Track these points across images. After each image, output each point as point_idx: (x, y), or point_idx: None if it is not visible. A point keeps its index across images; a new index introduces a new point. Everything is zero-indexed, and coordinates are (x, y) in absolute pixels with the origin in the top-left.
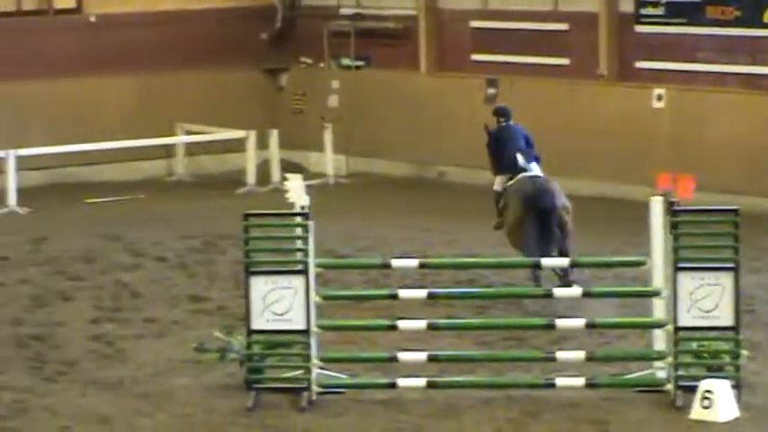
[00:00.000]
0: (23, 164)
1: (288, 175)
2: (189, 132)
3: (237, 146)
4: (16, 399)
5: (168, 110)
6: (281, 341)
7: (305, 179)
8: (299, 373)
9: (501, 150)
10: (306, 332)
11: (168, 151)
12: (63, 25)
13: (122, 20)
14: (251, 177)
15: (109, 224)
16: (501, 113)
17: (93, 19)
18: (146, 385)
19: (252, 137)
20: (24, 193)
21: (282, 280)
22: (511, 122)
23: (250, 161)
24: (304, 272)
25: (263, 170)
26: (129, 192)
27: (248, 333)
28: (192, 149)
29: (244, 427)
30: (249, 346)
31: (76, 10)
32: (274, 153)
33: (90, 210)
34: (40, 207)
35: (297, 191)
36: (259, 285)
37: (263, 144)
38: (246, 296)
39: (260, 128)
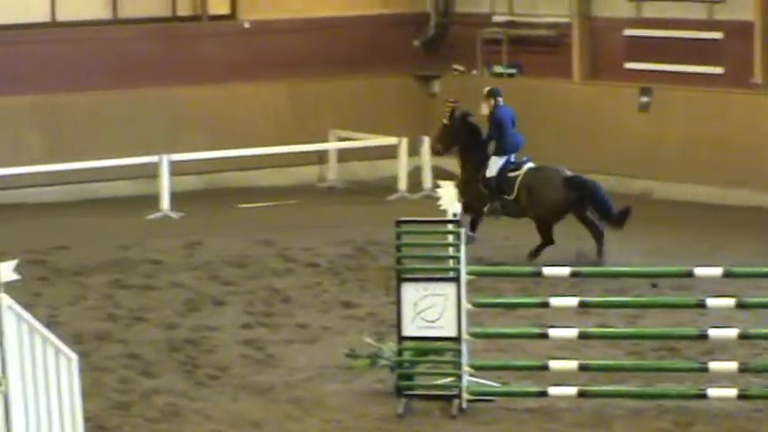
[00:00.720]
0: (177, 169)
1: (440, 182)
2: (341, 139)
3: (389, 152)
4: (169, 402)
5: (321, 116)
6: (432, 348)
7: (457, 186)
8: (449, 380)
9: (502, 130)
10: (457, 339)
11: (321, 157)
12: (217, 31)
13: (276, 26)
14: (402, 184)
15: (261, 229)
16: (497, 94)
17: (247, 25)
18: (296, 390)
19: (404, 143)
20: (178, 198)
21: (434, 287)
22: (502, 103)
23: (402, 168)
24: (456, 279)
25: (415, 177)
26: (282, 197)
27: (399, 340)
28: (344, 156)
29: None
30: (400, 352)
31: (230, 16)
32: (426, 160)
33: (243, 215)
34: (193, 212)
35: (448, 198)
36: (410, 292)
37: (414, 151)
38: (398, 303)
39: (412, 134)
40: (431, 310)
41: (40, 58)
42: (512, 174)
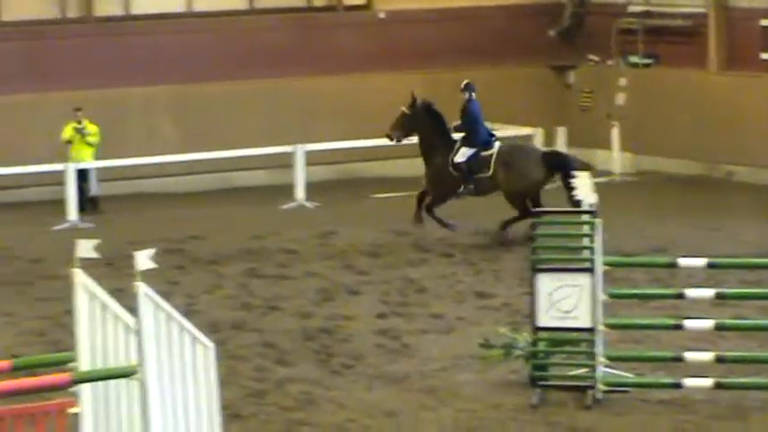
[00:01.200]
0: (312, 159)
1: (575, 173)
2: None
3: (525, 143)
4: (304, 391)
5: (456, 106)
6: (567, 339)
7: (592, 177)
8: (584, 371)
9: (476, 124)
10: (592, 330)
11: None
12: (352, 21)
13: (411, 16)
14: None
15: (395, 220)
16: (473, 89)
17: (382, 15)
18: (431, 380)
19: (539, 134)
20: (312, 188)
21: (569, 278)
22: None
23: None
24: (591, 270)
25: None
26: (415, 188)
27: (534, 330)
28: None
29: (527, 424)
30: (535, 343)
31: (366, 6)
32: (561, 150)
33: (377, 205)
34: (327, 201)
35: (584, 188)
36: (545, 283)
37: (550, 141)
38: (532, 293)
39: (547, 125)
40: (566, 300)
41: (177, 48)
42: (484, 153)
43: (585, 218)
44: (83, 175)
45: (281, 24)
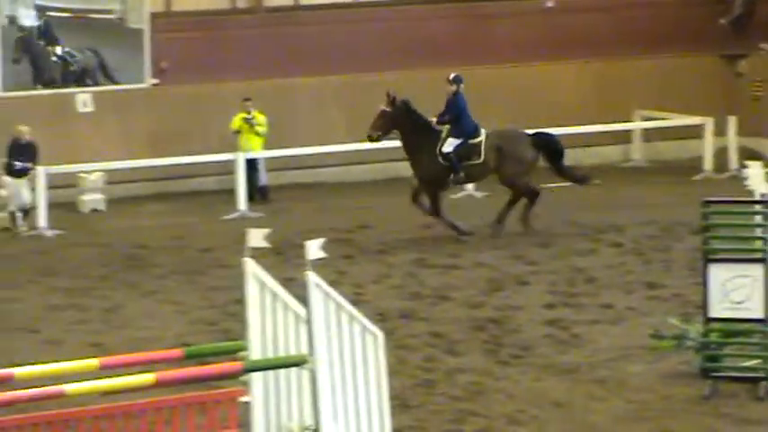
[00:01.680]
0: None
1: (747, 163)
2: (646, 118)
3: (695, 132)
4: (472, 381)
5: (625, 96)
6: (739, 330)
7: (764, 167)
8: (756, 362)
9: (462, 115)
10: (765, 321)
11: (625, 137)
12: (519, 10)
13: (579, 5)
14: (708, 164)
15: (565, 209)
16: (461, 81)
17: (550, 4)
18: (601, 371)
19: (709, 123)
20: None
21: (742, 268)
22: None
23: (707, 148)
24: (764, 260)
25: (721, 157)
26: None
27: (705, 321)
28: (648, 135)
29: (699, 415)
30: (706, 334)
31: None
32: (732, 140)
33: (546, 195)
34: (494, 190)
35: (756, 178)
36: (718, 273)
37: (720, 131)
38: (704, 284)
39: (717, 114)
40: (738, 291)
41: (345, 38)
42: (472, 141)
43: (758, 208)
44: (252, 164)
45: (449, 14)
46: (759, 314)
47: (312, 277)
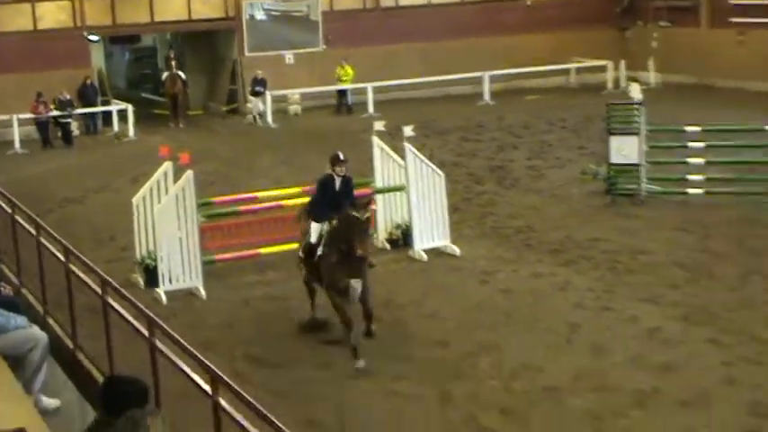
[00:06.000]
0: None
1: (630, 84)
2: (578, 61)
3: (603, 69)
4: (490, 197)
5: (565, 49)
6: (625, 169)
7: (639, 85)
8: (634, 186)
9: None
10: (638, 165)
11: (565, 72)
12: (517, 6)
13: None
14: (609, 84)
15: (534, 108)
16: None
17: (528, 3)
18: (556, 191)
19: (611, 64)
20: None
21: (626, 137)
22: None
23: (609, 77)
24: (637, 133)
25: (616, 81)
26: None
27: (608, 165)
28: (579, 70)
29: (606, 214)
30: (609, 171)
31: None
32: (623, 72)
33: (527, 103)
34: None
35: (635, 92)
36: (614, 140)
37: (616, 68)
38: (608, 146)
39: (615, 59)
40: (625, 149)
41: (424, 22)
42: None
43: (635, 106)
44: (342, 93)
45: (474, 8)
46: (635, 161)
47: (407, 145)
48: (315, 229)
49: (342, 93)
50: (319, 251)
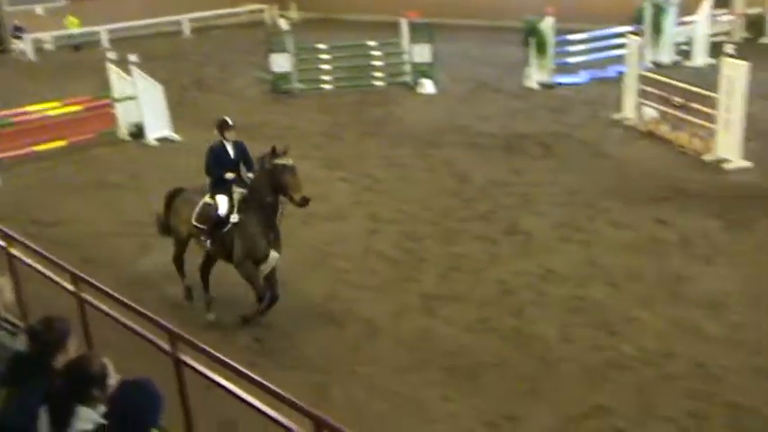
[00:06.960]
0: None
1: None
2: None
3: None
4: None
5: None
6: None
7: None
8: None
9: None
10: None
11: None
12: None
13: None
14: None
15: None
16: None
17: None
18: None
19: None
20: None
21: None
22: None
23: None
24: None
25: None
26: None
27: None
28: None
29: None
30: None
31: None
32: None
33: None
34: None
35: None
36: None
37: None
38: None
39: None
40: None
41: None
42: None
43: (284, 34)
44: None
45: None
46: (288, 70)
47: (133, 67)
48: (222, 200)
49: (73, 36)
50: (233, 218)
